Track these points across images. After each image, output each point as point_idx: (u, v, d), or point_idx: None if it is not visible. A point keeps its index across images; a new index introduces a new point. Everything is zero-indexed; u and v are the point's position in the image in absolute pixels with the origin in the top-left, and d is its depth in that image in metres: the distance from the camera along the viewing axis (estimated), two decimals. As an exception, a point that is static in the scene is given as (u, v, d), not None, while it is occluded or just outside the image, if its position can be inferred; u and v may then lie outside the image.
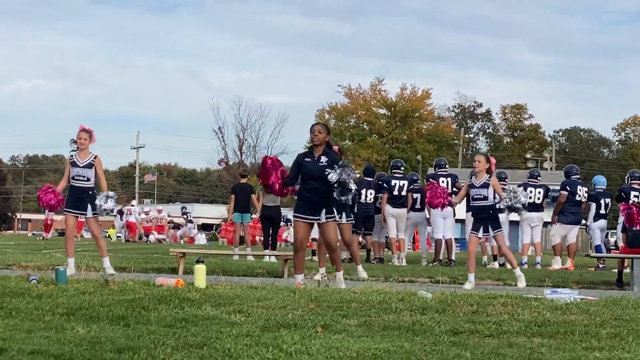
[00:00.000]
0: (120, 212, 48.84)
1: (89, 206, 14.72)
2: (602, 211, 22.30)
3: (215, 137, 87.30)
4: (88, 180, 14.78)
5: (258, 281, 12.48)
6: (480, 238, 15.09)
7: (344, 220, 15.72)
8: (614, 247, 31.03)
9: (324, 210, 12.44)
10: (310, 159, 12.51)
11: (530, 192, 22.32)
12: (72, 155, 14.92)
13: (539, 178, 23.20)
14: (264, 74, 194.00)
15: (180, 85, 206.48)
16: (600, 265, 22.23)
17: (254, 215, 22.85)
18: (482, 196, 14.70)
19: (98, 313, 7.88)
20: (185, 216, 56.12)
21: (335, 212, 12.70)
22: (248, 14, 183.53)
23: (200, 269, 11.26)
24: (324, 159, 12.45)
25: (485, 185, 14.69)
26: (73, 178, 14.81)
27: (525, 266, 21.57)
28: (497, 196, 14.83)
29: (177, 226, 55.61)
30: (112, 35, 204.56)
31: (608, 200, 22.48)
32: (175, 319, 7.64)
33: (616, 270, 17.65)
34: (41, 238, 46.49)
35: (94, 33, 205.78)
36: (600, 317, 8.62)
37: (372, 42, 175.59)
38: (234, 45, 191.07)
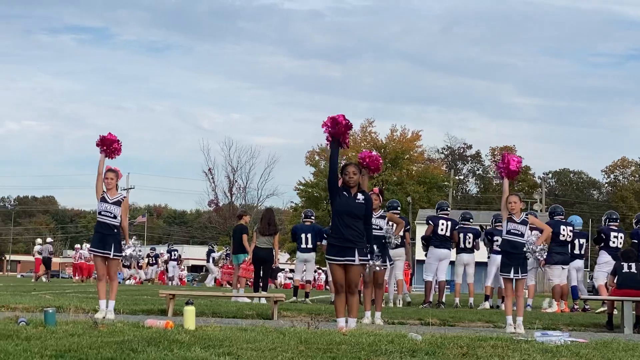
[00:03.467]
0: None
1: (113, 247, 14.51)
2: (577, 251, 22.38)
3: (205, 179, 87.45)
4: (115, 217, 14.48)
5: (248, 323, 12.44)
6: (512, 280, 14.48)
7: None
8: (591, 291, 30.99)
9: (356, 252, 12.17)
10: (347, 194, 12.27)
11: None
12: (103, 191, 14.62)
13: None
14: (254, 116, 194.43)
15: (170, 126, 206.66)
16: (586, 306, 22.27)
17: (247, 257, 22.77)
18: (519, 232, 14.47)
19: (87, 355, 7.84)
20: (170, 254, 52.10)
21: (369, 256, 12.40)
22: (238, 55, 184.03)
23: (190, 311, 11.22)
24: (360, 196, 12.27)
25: (524, 223, 14.48)
26: (100, 213, 14.53)
27: (529, 309, 21.52)
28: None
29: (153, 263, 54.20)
30: (102, 77, 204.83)
31: (583, 240, 22.54)
32: (165, 361, 7.61)
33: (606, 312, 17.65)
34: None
35: (84, 75, 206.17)
36: (591, 359, 8.61)
37: (361, 84, 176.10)
38: (224, 87, 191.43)
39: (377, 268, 14.04)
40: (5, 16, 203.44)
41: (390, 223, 15.67)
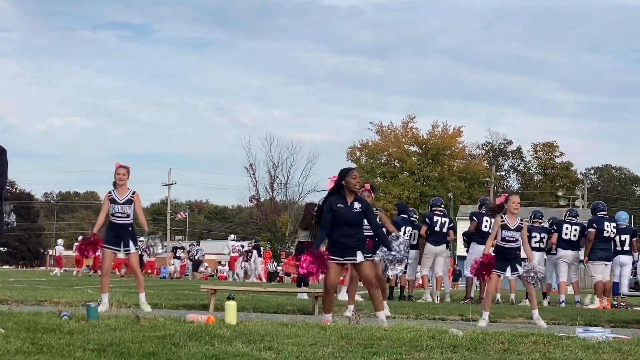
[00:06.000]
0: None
1: (130, 242, 14.69)
2: (626, 247, 22.23)
3: (246, 174, 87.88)
4: (128, 217, 14.66)
5: (289, 318, 12.47)
6: (500, 277, 14.64)
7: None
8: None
9: (359, 252, 12.28)
10: (343, 205, 12.30)
11: (567, 229, 22.40)
12: (110, 192, 14.81)
13: (577, 217, 23.09)
14: (295, 112, 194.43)
15: (211, 122, 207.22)
16: (622, 303, 22.08)
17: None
18: (514, 239, 14.45)
19: (129, 349, 7.89)
20: (257, 250, 49.94)
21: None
22: (278, 51, 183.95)
23: (231, 306, 11.27)
24: (357, 205, 12.31)
25: (519, 229, 14.43)
26: (112, 215, 14.67)
27: (563, 305, 21.49)
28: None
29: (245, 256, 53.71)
30: (144, 73, 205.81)
31: (626, 236, 22.31)
32: (206, 356, 7.63)
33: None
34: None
35: (125, 71, 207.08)
36: (633, 356, 8.55)
37: (402, 80, 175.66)
38: (265, 83, 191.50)
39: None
40: (47, 13, 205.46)
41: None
